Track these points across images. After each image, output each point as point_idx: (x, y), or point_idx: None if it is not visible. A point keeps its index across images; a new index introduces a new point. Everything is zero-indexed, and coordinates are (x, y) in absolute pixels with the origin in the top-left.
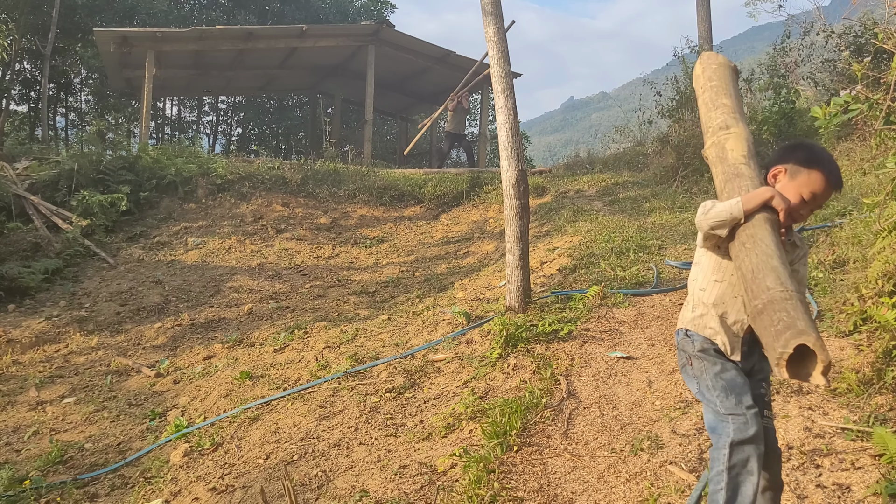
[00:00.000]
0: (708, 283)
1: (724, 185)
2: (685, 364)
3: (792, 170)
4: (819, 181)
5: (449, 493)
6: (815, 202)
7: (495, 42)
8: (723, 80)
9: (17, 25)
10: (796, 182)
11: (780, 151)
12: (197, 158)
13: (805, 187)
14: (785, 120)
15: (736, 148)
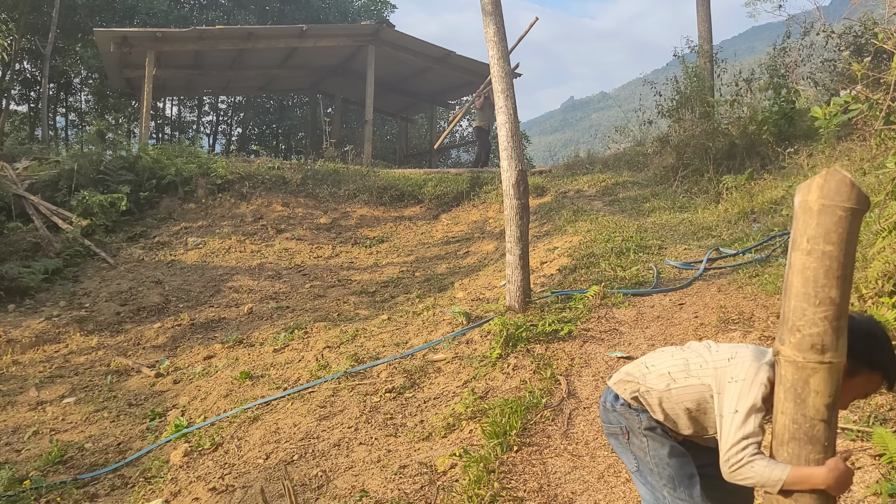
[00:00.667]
0: (675, 404)
1: (786, 440)
2: (617, 434)
3: (851, 366)
4: (877, 383)
5: (449, 493)
6: (867, 395)
7: (495, 42)
8: (841, 250)
9: (17, 25)
10: (854, 381)
11: (857, 340)
12: (197, 158)
13: (861, 389)
14: (785, 120)
15: (823, 390)
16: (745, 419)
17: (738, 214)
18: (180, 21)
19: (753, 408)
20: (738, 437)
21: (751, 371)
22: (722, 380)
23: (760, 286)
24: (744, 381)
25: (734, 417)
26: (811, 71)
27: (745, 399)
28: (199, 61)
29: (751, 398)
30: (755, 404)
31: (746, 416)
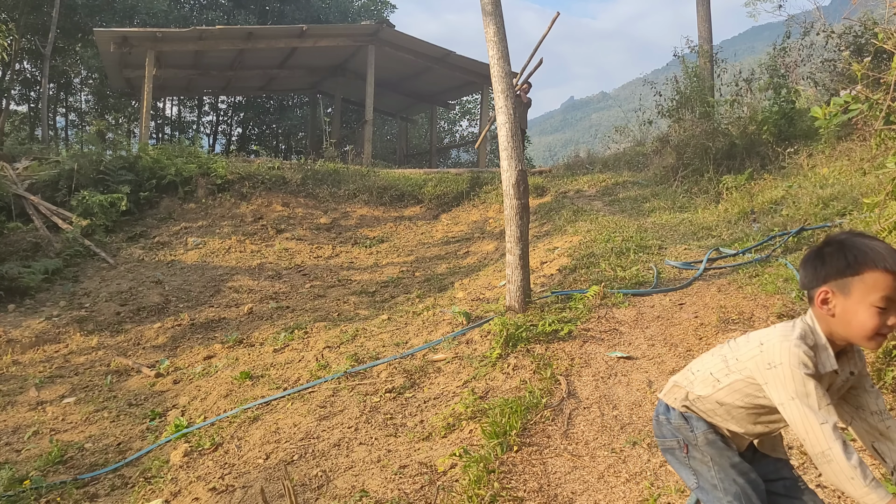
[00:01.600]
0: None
1: None
2: (674, 448)
3: (839, 285)
4: (883, 280)
5: (449, 493)
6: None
7: (495, 42)
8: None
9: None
10: (861, 298)
11: (812, 265)
12: (197, 158)
13: (872, 295)
14: (785, 120)
15: None
16: (805, 403)
17: (738, 214)
18: (180, 21)
19: (807, 387)
20: (809, 423)
21: (783, 353)
22: (762, 368)
23: (760, 286)
24: (781, 364)
25: (794, 405)
26: (811, 71)
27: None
28: (199, 61)
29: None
30: (806, 384)
31: (805, 398)
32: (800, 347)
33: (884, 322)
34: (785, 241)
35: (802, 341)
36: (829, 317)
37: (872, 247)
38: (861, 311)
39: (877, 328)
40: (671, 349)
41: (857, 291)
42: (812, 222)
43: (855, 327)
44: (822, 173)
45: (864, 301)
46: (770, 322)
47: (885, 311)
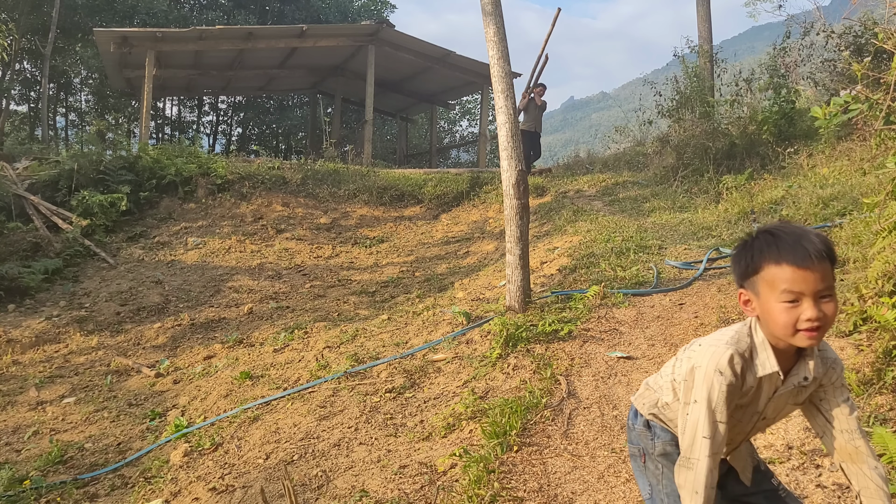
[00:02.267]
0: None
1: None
2: (636, 456)
3: (750, 286)
4: (781, 274)
5: (449, 493)
6: (806, 295)
7: (495, 42)
8: None
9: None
10: (768, 296)
11: (733, 266)
12: (197, 158)
13: (775, 291)
14: (785, 120)
15: None
16: (705, 408)
17: (738, 214)
18: (180, 21)
19: (713, 395)
20: (697, 429)
21: (707, 355)
22: (691, 370)
23: None
24: (702, 367)
25: (695, 408)
26: (811, 71)
27: (704, 387)
28: (199, 61)
29: (709, 384)
30: (714, 391)
31: (708, 404)
32: (725, 353)
33: (797, 316)
34: None
35: (732, 346)
36: (756, 318)
37: (769, 239)
38: (773, 309)
39: (793, 323)
40: (671, 349)
41: (763, 289)
42: (812, 222)
43: (774, 326)
44: (822, 173)
45: (772, 298)
46: None
47: (795, 303)
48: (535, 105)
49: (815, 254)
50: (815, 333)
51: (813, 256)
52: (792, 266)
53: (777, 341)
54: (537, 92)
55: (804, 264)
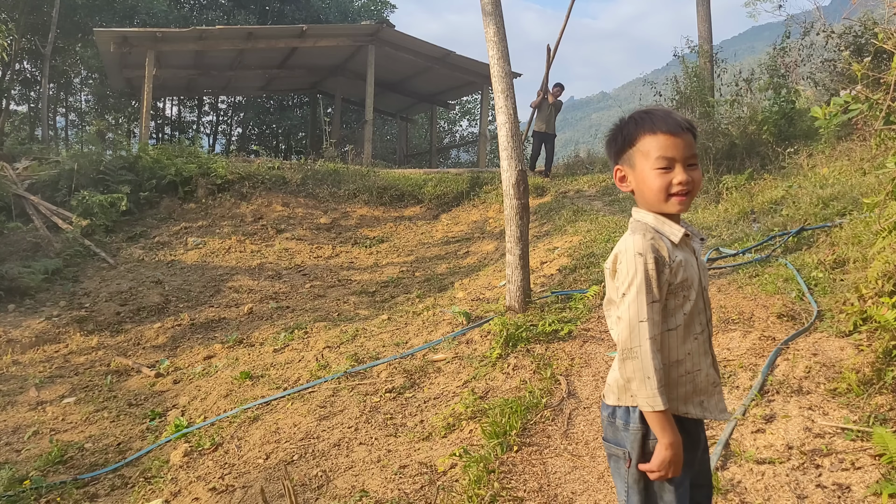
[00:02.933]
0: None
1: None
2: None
3: (626, 160)
4: (654, 142)
5: (449, 493)
6: (675, 160)
7: (495, 42)
8: None
9: (17, 25)
10: (644, 165)
11: (607, 150)
12: (197, 158)
13: (650, 159)
14: (785, 120)
15: None
16: (637, 293)
17: (738, 214)
18: (180, 21)
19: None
20: (631, 316)
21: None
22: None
23: (760, 286)
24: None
25: (627, 298)
26: (811, 71)
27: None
28: (199, 61)
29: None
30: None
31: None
32: (637, 237)
33: (670, 181)
34: (785, 241)
35: (640, 231)
36: (632, 193)
37: (643, 115)
38: (647, 177)
39: (664, 188)
40: None
41: (639, 160)
42: (812, 222)
43: (649, 194)
44: (822, 173)
45: (647, 167)
46: (770, 322)
47: (667, 169)
48: (547, 104)
49: (683, 124)
50: (684, 198)
51: (682, 126)
52: (665, 133)
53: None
54: (554, 92)
55: (675, 131)
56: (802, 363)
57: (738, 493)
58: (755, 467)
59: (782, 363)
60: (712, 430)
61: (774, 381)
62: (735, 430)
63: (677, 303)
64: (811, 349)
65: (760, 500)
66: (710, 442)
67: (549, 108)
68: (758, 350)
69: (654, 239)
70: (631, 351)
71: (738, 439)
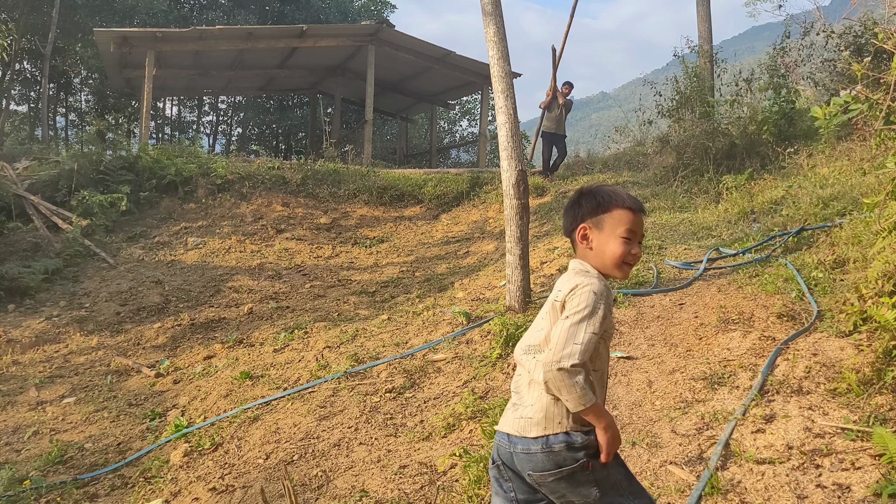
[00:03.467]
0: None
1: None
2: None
3: (595, 221)
4: (625, 216)
5: (449, 493)
6: (636, 236)
7: (495, 42)
8: None
9: (17, 25)
10: (607, 231)
11: (571, 210)
12: (197, 158)
13: (619, 228)
14: (785, 120)
15: None
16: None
17: (738, 214)
18: (180, 21)
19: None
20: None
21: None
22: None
23: (760, 286)
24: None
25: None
26: (811, 71)
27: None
28: (199, 61)
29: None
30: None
31: (589, 318)
32: (599, 280)
33: (628, 251)
34: (785, 241)
35: (595, 279)
36: (588, 250)
37: (616, 190)
38: (612, 242)
39: (623, 256)
40: (671, 349)
41: (608, 226)
42: (812, 222)
43: (608, 256)
44: (822, 173)
45: (614, 233)
46: (770, 322)
47: (629, 241)
48: (557, 104)
49: (643, 208)
50: (630, 267)
51: (644, 209)
52: (636, 212)
53: (602, 271)
54: (563, 90)
55: (641, 211)
56: (802, 363)
57: (738, 493)
58: (755, 467)
59: (782, 363)
60: (712, 429)
61: (774, 381)
62: (735, 430)
63: (601, 347)
64: (811, 349)
65: (760, 500)
66: (710, 442)
67: (560, 108)
68: (758, 350)
69: (604, 289)
70: (563, 360)
71: (738, 439)
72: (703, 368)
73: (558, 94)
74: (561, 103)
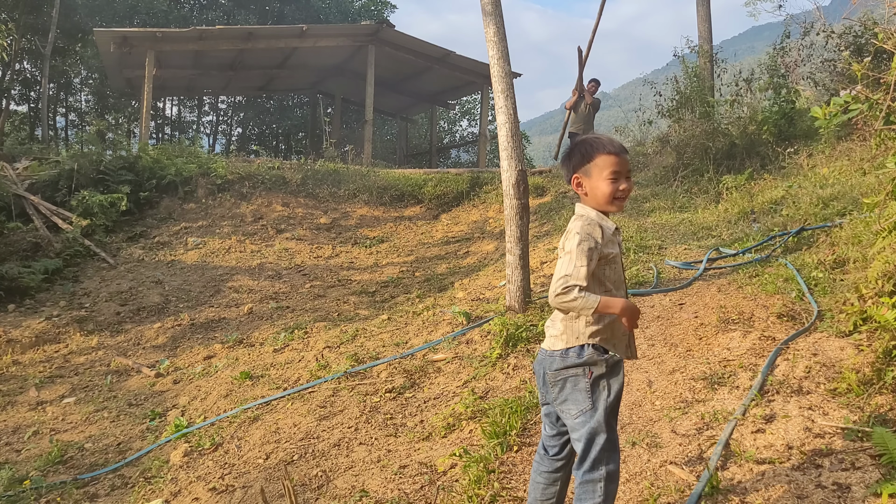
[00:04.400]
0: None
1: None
2: (580, 376)
3: (584, 171)
4: (608, 160)
5: (449, 493)
6: (621, 174)
7: (495, 42)
8: None
9: (17, 25)
10: (595, 176)
11: (564, 164)
12: (197, 158)
13: (605, 171)
14: (785, 120)
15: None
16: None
17: (738, 214)
18: (180, 21)
19: (584, 247)
20: (572, 263)
21: (576, 226)
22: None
23: (760, 286)
24: (574, 231)
25: (571, 253)
26: (811, 71)
27: (576, 239)
28: (199, 61)
29: (581, 241)
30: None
31: (581, 250)
32: (589, 223)
33: (616, 188)
34: (785, 241)
35: (580, 221)
36: (585, 196)
37: (599, 138)
38: (601, 184)
39: (613, 193)
40: (671, 349)
41: (594, 171)
42: (812, 222)
43: (600, 196)
44: (822, 173)
45: (601, 176)
46: (770, 322)
47: (615, 180)
48: (584, 103)
49: (624, 148)
50: (622, 201)
51: (624, 149)
52: (618, 154)
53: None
54: (590, 88)
55: (622, 153)
56: (802, 363)
57: (738, 493)
58: (755, 467)
59: (782, 363)
60: (712, 429)
61: (774, 381)
62: (735, 430)
63: (607, 270)
64: (811, 349)
65: (760, 500)
66: (710, 442)
67: (588, 108)
68: (758, 350)
69: (591, 226)
70: (568, 278)
71: (738, 439)
72: (703, 368)
73: (585, 93)
74: (588, 102)
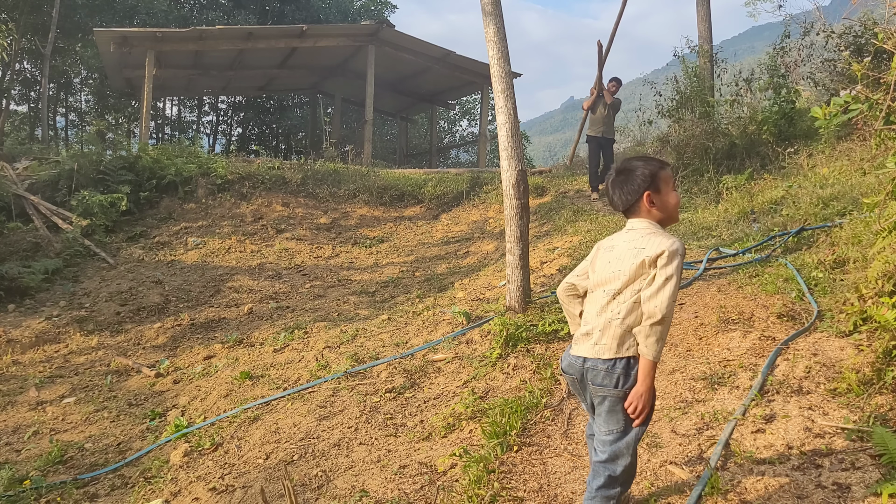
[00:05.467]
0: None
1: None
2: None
3: (653, 188)
4: (666, 173)
5: (449, 493)
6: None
7: (495, 42)
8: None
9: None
10: (667, 189)
11: (623, 188)
12: (197, 158)
13: (669, 183)
14: (785, 120)
15: None
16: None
17: (738, 214)
18: (180, 21)
19: (678, 275)
20: (663, 300)
21: (671, 244)
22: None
23: (760, 286)
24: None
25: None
26: (811, 71)
27: (670, 267)
28: (199, 61)
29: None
30: (678, 272)
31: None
32: (678, 241)
33: (678, 197)
34: (785, 241)
35: (677, 240)
36: (655, 211)
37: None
38: (670, 197)
39: (679, 203)
40: (671, 349)
41: (663, 185)
42: (812, 222)
43: (671, 208)
44: (822, 173)
45: (668, 189)
46: (770, 322)
47: (675, 191)
48: (603, 104)
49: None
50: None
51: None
52: (667, 167)
53: (666, 224)
54: (610, 88)
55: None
56: (802, 363)
57: (738, 493)
58: (755, 467)
59: (782, 363)
60: (712, 429)
61: (774, 381)
62: (735, 430)
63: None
64: (811, 349)
65: (760, 500)
66: (710, 442)
67: (607, 109)
68: (758, 350)
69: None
70: (664, 319)
71: (738, 439)
72: (703, 368)
73: (605, 93)
74: (608, 103)
